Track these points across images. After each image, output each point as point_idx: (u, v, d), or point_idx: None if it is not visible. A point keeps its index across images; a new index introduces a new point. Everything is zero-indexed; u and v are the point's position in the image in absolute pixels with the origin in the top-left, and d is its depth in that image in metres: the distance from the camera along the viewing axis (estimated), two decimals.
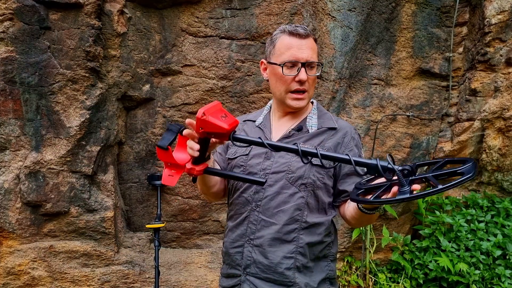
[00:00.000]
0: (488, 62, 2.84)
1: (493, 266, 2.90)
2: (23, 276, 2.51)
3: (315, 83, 1.39)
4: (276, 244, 1.30)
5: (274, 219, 1.30)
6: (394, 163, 1.02)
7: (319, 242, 1.33)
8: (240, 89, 2.65)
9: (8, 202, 2.43)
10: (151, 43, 2.60)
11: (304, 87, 1.32)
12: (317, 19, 2.64)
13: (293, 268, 1.29)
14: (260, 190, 1.33)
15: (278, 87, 1.35)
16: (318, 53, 1.40)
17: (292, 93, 1.33)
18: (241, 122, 1.52)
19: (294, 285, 1.29)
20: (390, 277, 3.09)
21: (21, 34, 2.28)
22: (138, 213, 2.85)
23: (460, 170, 0.95)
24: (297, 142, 1.29)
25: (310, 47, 1.31)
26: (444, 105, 3.02)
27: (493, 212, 3.10)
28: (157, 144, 1.13)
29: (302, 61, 1.29)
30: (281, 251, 1.29)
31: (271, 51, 1.37)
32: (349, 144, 1.35)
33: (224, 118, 1.11)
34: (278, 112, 1.44)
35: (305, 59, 1.29)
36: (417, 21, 2.84)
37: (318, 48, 1.42)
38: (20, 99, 2.36)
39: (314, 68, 1.34)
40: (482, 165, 3.14)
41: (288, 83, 1.32)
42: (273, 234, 1.30)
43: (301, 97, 1.34)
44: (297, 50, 1.30)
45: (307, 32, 1.32)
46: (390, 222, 3.14)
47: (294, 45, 1.30)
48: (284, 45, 1.32)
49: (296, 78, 1.30)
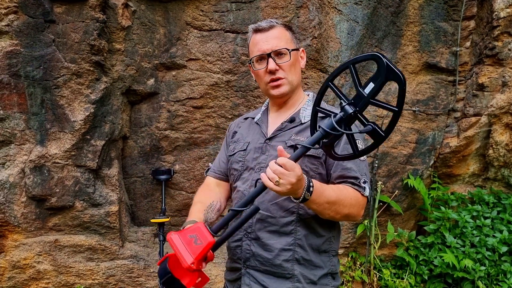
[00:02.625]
0: (496, 56, 2.80)
1: (499, 262, 2.88)
2: (28, 270, 2.52)
3: (295, 68, 1.39)
4: (274, 236, 1.30)
5: (270, 212, 1.31)
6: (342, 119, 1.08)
7: (317, 234, 1.32)
8: (245, 83, 2.63)
9: (13, 196, 2.43)
10: (156, 36, 2.58)
11: (277, 76, 1.35)
12: (323, 12, 2.61)
13: (291, 260, 1.29)
14: (255, 185, 1.33)
15: (260, 83, 1.42)
16: (291, 40, 1.38)
17: (269, 83, 1.37)
18: (241, 120, 1.59)
19: (292, 277, 1.29)
20: (395, 273, 3.08)
21: (25, 27, 2.27)
22: (143, 207, 2.85)
23: None
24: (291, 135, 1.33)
25: (275, 37, 1.35)
26: (450, 100, 2.99)
27: (499, 208, 3.08)
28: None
29: (267, 52, 1.34)
30: (279, 243, 1.30)
31: (248, 52, 1.44)
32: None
33: (195, 245, 1.14)
34: (273, 107, 1.48)
35: (270, 49, 1.34)
36: (424, 14, 2.81)
37: (292, 34, 1.40)
38: (25, 92, 2.35)
39: (285, 55, 1.35)
40: (489, 161, 3.11)
41: (262, 76, 1.37)
42: (270, 227, 1.31)
43: (277, 83, 1.36)
44: (262, 43, 1.35)
45: (271, 23, 1.36)
46: (395, 218, 3.13)
47: (259, 40, 1.36)
48: (253, 43, 1.39)
49: (266, 69, 1.34)
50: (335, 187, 1.26)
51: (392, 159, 2.97)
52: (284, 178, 1.07)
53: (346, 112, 1.06)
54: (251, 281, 1.33)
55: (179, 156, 2.77)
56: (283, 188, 1.09)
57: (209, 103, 2.67)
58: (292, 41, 1.39)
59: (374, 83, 1.03)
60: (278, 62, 1.33)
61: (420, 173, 3.04)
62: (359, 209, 1.28)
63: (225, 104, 2.67)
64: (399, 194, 3.03)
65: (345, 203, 1.24)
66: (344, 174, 1.29)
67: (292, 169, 1.08)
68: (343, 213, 1.25)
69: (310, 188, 1.15)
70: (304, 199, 1.15)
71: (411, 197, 3.12)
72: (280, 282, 1.30)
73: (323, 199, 1.19)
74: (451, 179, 3.23)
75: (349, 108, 1.06)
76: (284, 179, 1.07)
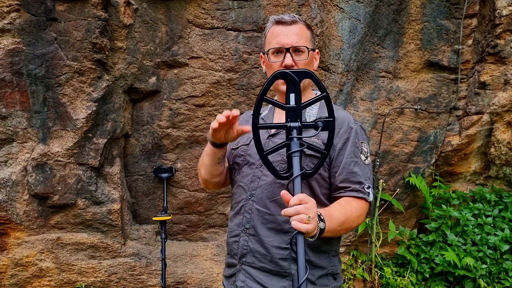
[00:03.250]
0: (498, 54, 2.80)
1: (501, 260, 2.89)
2: (31, 268, 2.53)
3: (309, 67, 1.36)
4: (272, 234, 1.29)
5: (268, 209, 1.29)
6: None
7: None
8: (247, 81, 2.63)
9: (15, 194, 2.44)
10: (158, 34, 2.58)
11: None
12: (325, 10, 2.61)
13: (288, 259, 1.27)
14: (255, 180, 1.32)
15: None
16: (310, 39, 1.37)
17: None
18: (249, 114, 1.54)
19: (289, 276, 1.27)
20: (396, 271, 3.08)
21: (27, 25, 2.27)
22: (145, 205, 2.85)
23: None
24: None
25: (296, 33, 1.32)
26: (452, 98, 2.99)
27: (500, 207, 3.08)
28: None
29: (287, 46, 1.30)
30: (276, 241, 1.28)
31: (263, 42, 1.41)
32: (343, 135, 1.31)
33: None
34: None
35: (290, 44, 1.30)
36: (426, 12, 2.80)
37: (312, 34, 1.39)
38: (27, 91, 2.36)
39: (304, 53, 1.32)
40: (491, 159, 3.11)
41: (276, 70, 1.31)
42: (268, 224, 1.29)
43: None
44: (282, 36, 1.31)
45: (294, 18, 1.33)
46: (397, 216, 3.13)
47: (280, 32, 1.32)
48: (272, 34, 1.35)
49: (282, 64, 1.30)
50: (338, 206, 1.24)
51: (393, 157, 2.97)
52: (310, 212, 1.02)
53: (296, 127, 1.13)
54: (246, 278, 1.31)
55: (181, 154, 2.77)
56: (315, 222, 1.04)
57: (211, 101, 2.67)
58: (311, 41, 1.37)
59: (293, 93, 1.13)
60: (295, 59, 1.30)
61: (422, 171, 3.04)
62: (364, 217, 1.29)
63: (227, 102, 2.67)
64: (401, 192, 3.03)
65: (353, 218, 1.24)
66: (349, 178, 1.28)
67: (308, 199, 1.05)
68: (352, 227, 1.27)
69: (321, 216, 1.12)
70: (320, 230, 1.10)
71: (412, 195, 3.12)
72: (277, 280, 1.28)
73: (335, 224, 1.17)
74: (452, 178, 3.23)
75: (295, 124, 1.13)
76: (310, 212, 1.02)
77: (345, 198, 1.28)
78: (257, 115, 1.17)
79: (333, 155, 1.30)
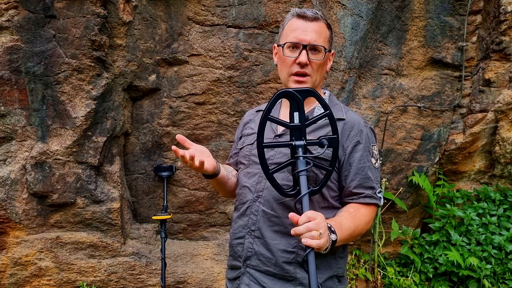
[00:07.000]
0: (503, 51, 2.75)
1: (505, 260, 2.84)
2: (30, 267, 2.51)
3: (322, 69, 1.32)
4: (277, 236, 1.26)
5: (275, 212, 1.26)
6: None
7: None
8: (248, 79, 2.60)
9: (14, 192, 2.42)
10: (157, 32, 2.56)
11: (305, 71, 1.27)
12: (327, 7, 2.57)
13: (294, 263, 1.24)
14: (261, 181, 1.29)
15: (282, 70, 1.33)
16: (328, 39, 1.32)
17: (294, 76, 1.29)
18: (254, 113, 1.52)
19: (294, 280, 1.24)
20: (399, 271, 3.04)
21: (26, 22, 2.26)
22: (145, 204, 2.83)
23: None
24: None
25: (316, 31, 1.27)
26: (456, 96, 2.95)
27: (505, 206, 3.03)
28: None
29: (304, 43, 1.25)
30: (282, 244, 1.25)
31: (280, 34, 1.35)
32: (354, 138, 1.28)
33: None
34: (287, 101, 1.40)
35: (308, 41, 1.25)
36: (430, 9, 2.76)
37: (331, 34, 1.34)
38: (26, 88, 2.34)
39: (320, 52, 1.28)
40: (495, 157, 3.07)
41: (289, 65, 1.29)
42: (275, 226, 1.26)
43: (302, 79, 1.28)
44: (301, 32, 1.26)
45: (317, 15, 1.28)
46: (400, 215, 3.09)
47: (299, 27, 1.27)
48: (291, 27, 1.30)
49: (296, 60, 1.26)
50: (347, 215, 1.22)
51: (396, 156, 2.94)
52: (320, 227, 1.01)
53: (301, 146, 1.14)
54: (251, 281, 1.28)
55: None
56: (326, 237, 1.03)
57: (211, 99, 2.64)
58: (329, 41, 1.33)
59: (296, 111, 1.14)
60: (311, 58, 1.26)
61: (425, 170, 3.00)
62: (372, 222, 1.30)
63: (228, 100, 2.64)
64: (404, 191, 3.00)
65: (362, 225, 1.24)
66: (363, 183, 1.26)
67: (316, 215, 1.03)
68: (362, 233, 1.27)
69: (331, 228, 1.12)
70: (332, 242, 1.10)
71: (415, 195, 3.08)
72: (281, 284, 1.25)
73: (346, 234, 1.17)
74: (456, 176, 3.18)
75: (300, 142, 1.14)
76: (320, 227, 1.01)
77: (355, 204, 1.26)
78: (262, 134, 1.14)
79: (343, 158, 1.28)
